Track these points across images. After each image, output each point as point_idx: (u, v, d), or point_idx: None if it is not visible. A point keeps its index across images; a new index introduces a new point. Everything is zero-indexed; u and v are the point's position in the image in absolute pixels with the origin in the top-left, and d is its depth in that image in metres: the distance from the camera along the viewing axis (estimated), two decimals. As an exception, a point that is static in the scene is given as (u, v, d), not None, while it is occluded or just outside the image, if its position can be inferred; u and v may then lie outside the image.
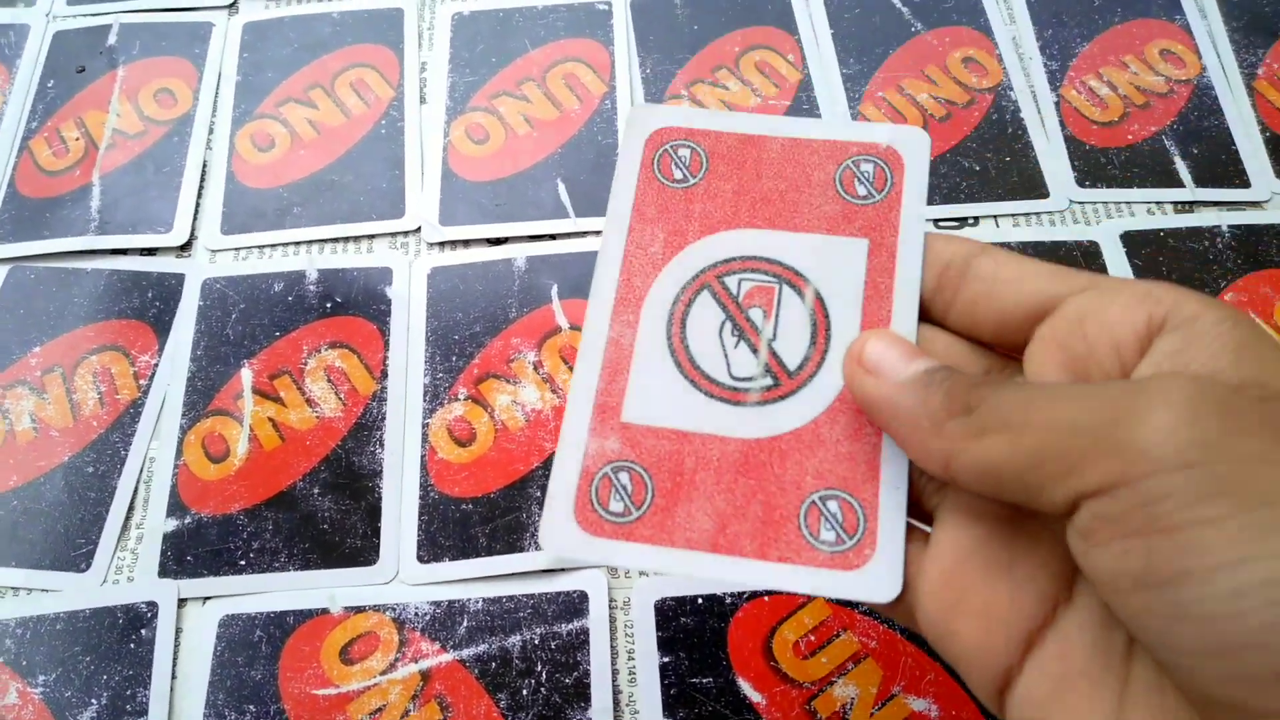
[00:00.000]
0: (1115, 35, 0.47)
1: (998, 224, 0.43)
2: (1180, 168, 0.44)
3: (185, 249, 0.43)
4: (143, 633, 0.35)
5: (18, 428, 0.39)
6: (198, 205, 0.44)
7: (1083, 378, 0.21)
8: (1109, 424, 0.17)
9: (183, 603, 0.36)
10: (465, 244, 0.43)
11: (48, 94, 0.47)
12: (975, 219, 0.43)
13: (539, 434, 0.38)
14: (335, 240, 0.43)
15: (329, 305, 0.41)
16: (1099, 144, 0.45)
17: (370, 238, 0.43)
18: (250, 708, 0.34)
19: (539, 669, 0.34)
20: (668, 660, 0.34)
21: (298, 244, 0.43)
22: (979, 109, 0.46)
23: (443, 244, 0.43)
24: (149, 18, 0.49)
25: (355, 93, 0.47)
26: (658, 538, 0.23)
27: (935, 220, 0.43)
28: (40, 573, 0.36)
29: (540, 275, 0.42)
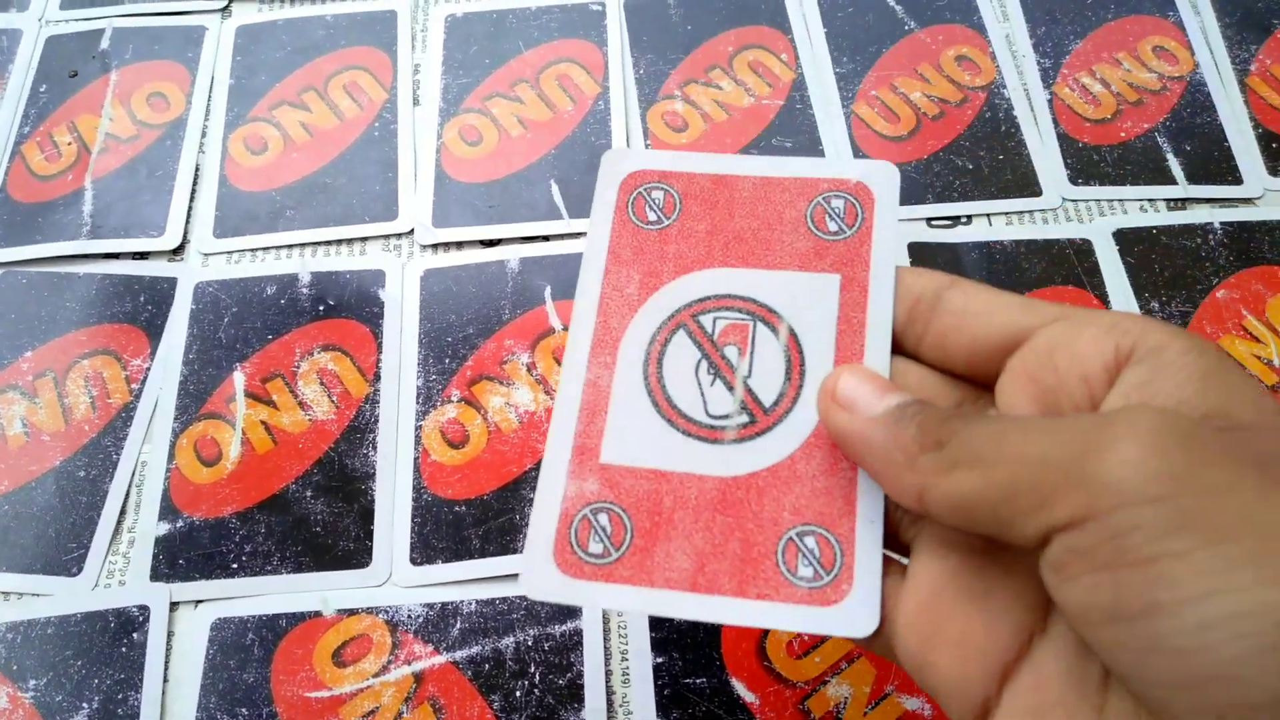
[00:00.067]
0: (1108, 32, 0.47)
1: (990, 222, 0.43)
2: (1173, 165, 0.44)
3: (178, 253, 0.43)
4: (134, 636, 0.35)
5: (9, 432, 0.39)
6: (190, 209, 0.44)
7: (1053, 409, 0.21)
8: (1077, 457, 0.17)
9: (175, 606, 0.36)
10: (458, 246, 0.43)
11: (40, 98, 0.47)
12: (968, 217, 0.43)
13: (532, 436, 0.38)
14: (328, 243, 0.43)
15: (322, 308, 0.41)
16: (1092, 141, 0.45)
17: (363, 240, 0.43)
18: (243, 711, 0.34)
19: (532, 670, 0.34)
20: (661, 661, 0.34)
21: (290, 247, 0.43)
22: (972, 107, 0.46)
23: (436, 246, 0.43)
24: (142, 21, 0.49)
25: (348, 95, 0.47)
26: (637, 578, 0.23)
27: (929, 219, 0.43)
28: (32, 577, 0.36)
29: (533, 277, 0.42)
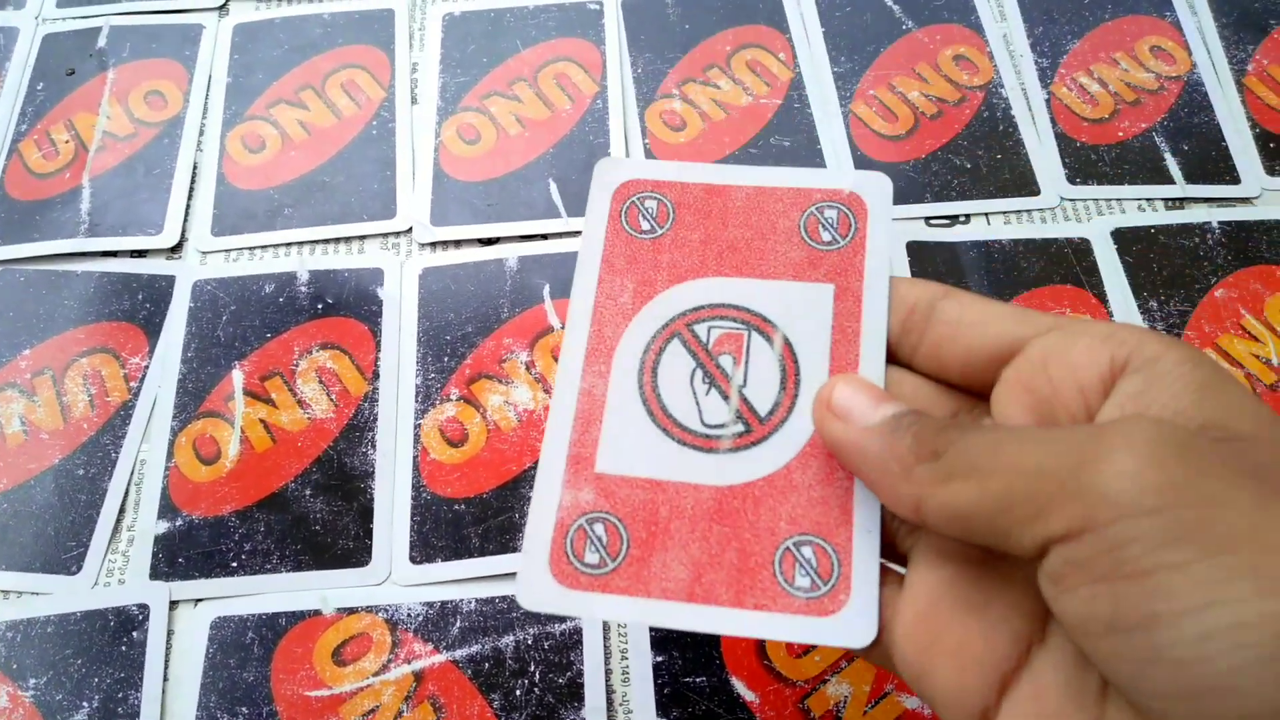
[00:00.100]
0: (1106, 32, 0.48)
1: (989, 222, 0.43)
2: (1170, 164, 0.44)
3: (176, 251, 0.43)
4: (134, 635, 0.35)
5: (8, 430, 0.39)
6: (188, 207, 0.44)
7: (1048, 419, 0.21)
8: (1073, 468, 0.18)
9: (174, 605, 0.36)
10: (457, 244, 0.43)
11: (37, 96, 0.47)
12: (966, 217, 0.43)
13: (531, 434, 0.38)
14: (326, 241, 0.43)
15: (320, 306, 0.41)
16: (1090, 141, 0.45)
17: (361, 238, 0.43)
18: (243, 710, 0.34)
19: (532, 669, 0.34)
20: (661, 659, 0.34)
21: (289, 245, 0.43)
22: (970, 106, 0.46)
23: (434, 244, 0.43)
24: (139, 20, 0.49)
25: (346, 94, 0.47)
26: (634, 588, 0.23)
27: (927, 218, 0.43)
28: (31, 575, 0.36)
29: (532, 275, 0.42)
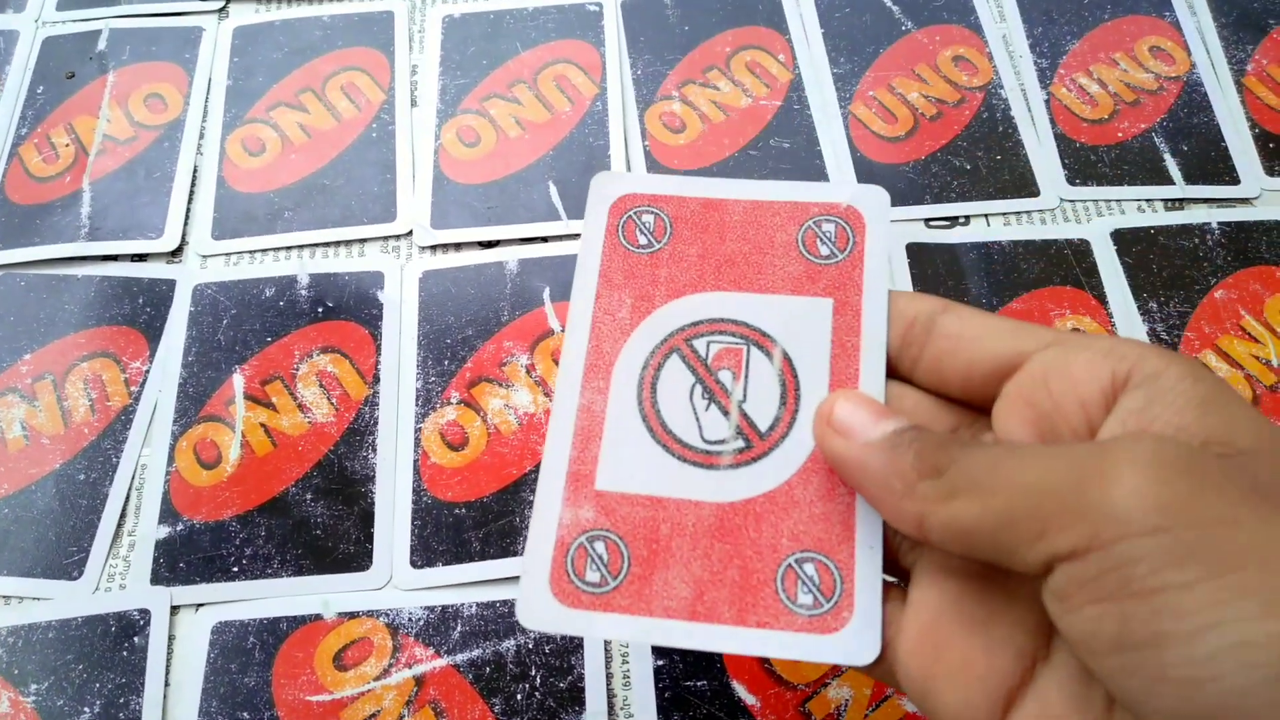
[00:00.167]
0: (1105, 32, 0.48)
1: (989, 223, 0.43)
2: (1170, 165, 0.44)
3: (176, 255, 0.43)
4: (135, 640, 0.35)
5: (8, 435, 0.39)
6: (188, 210, 0.44)
7: (1050, 434, 0.21)
8: (1077, 486, 0.17)
9: (175, 610, 0.36)
10: (457, 247, 0.43)
11: (37, 100, 0.47)
12: (966, 218, 0.43)
13: (531, 437, 0.38)
14: (326, 245, 0.43)
15: (320, 310, 0.41)
16: (1089, 142, 0.45)
17: (361, 242, 0.43)
18: (244, 715, 0.34)
19: (533, 673, 0.34)
20: (662, 663, 0.34)
21: (289, 249, 0.43)
22: (969, 107, 0.46)
23: (434, 247, 0.43)
24: (139, 23, 0.49)
25: (346, 96, 0.47)
26: (636, 607, 0.23)
27: (926, 219, 0.43)
28: (32, 581, 0.36)
29: (532, 278, 0.42)
